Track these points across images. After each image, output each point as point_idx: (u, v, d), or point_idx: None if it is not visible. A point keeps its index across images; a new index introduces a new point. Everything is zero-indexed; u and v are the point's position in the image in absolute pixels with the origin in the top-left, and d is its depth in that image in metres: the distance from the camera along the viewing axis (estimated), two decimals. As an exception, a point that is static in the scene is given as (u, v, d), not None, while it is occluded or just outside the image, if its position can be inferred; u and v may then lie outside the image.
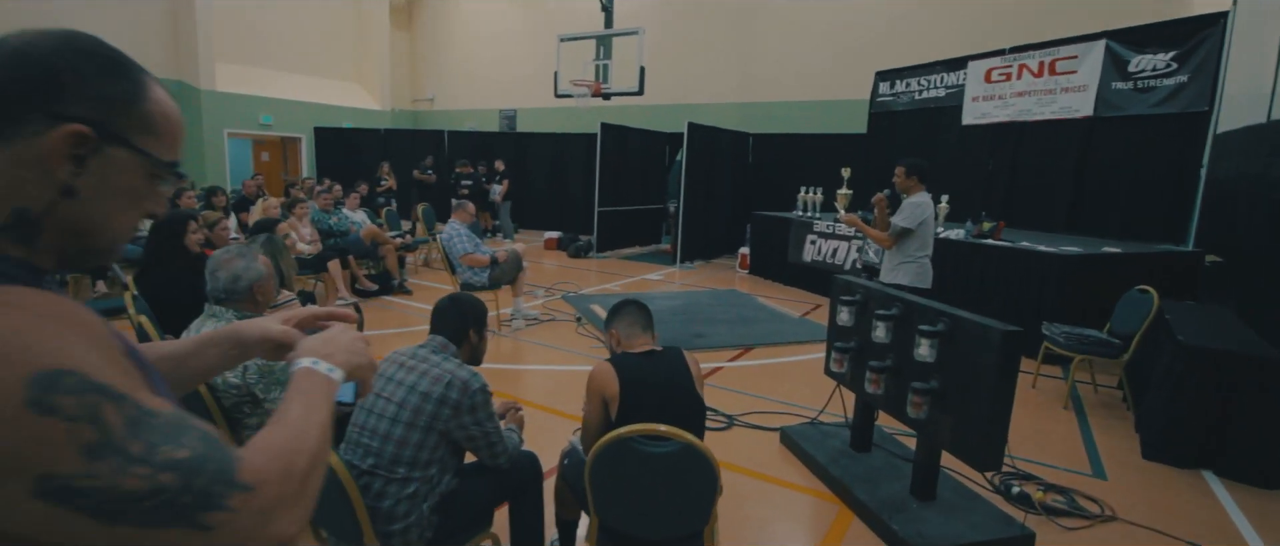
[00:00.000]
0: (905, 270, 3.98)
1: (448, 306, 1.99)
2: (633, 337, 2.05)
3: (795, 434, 3.17)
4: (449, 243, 5.11)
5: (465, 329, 1.96)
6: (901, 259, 3.99)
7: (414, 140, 13.35)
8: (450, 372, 1.79)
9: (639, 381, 1.88)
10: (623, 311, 2.12)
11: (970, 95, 7.55)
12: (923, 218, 3.90)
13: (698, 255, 9.46)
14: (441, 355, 1.87)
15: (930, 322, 2.39)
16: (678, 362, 1.99)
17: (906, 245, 3.96)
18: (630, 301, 2.15)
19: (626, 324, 2.08)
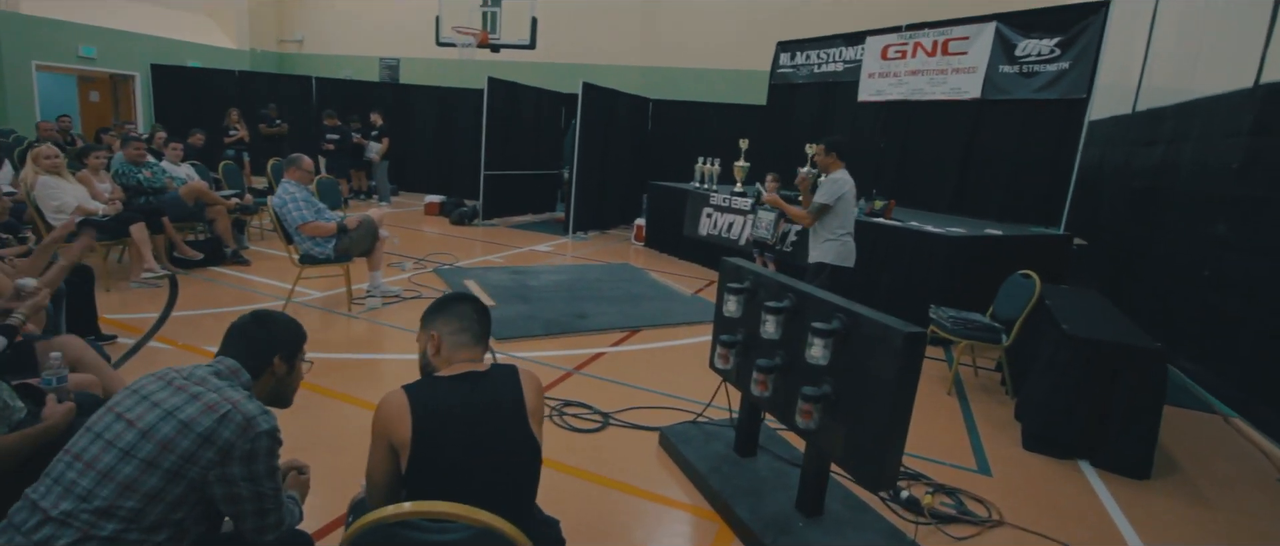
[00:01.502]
0: (828, 248, 3.89)
1: (249, 325, 1.50)
2: (458, 348, 1.53)
3: (675, 436, 2.80)
4: (283, 209, 4.28)
5: (269, 355, 1.47)
6: (824, 237, 3.90)
7: (275, 86, 11.79)
8: (232, 403, 1.30)
9: (442, 421, 1.38)
10: (450, 309, 1.58)
11: (867, 71, 7.48)
12: (841, 193, 3.80)
13: (592, 225, 8.96)
14: (224, 380, 1.38)
15: (824, 319, 2.05)
16: (506, 388, 1.49)
17: (828, 222, 3.87)
18: (463, 298, 1.62)
19: (454, 328, 1.55)
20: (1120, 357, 2.91)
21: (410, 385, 1.42)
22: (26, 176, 4.31)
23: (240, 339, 1.47)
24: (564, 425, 2.99)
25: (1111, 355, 2.93)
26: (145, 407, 1.27)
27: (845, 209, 3.85)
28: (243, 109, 9.93)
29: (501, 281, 5.58)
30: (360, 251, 4.57)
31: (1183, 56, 5.68)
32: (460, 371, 1.47)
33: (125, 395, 1.31)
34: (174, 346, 3.66)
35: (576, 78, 8.43)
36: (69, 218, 2.43)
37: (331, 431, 2.83)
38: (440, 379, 1.46)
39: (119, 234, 4.60)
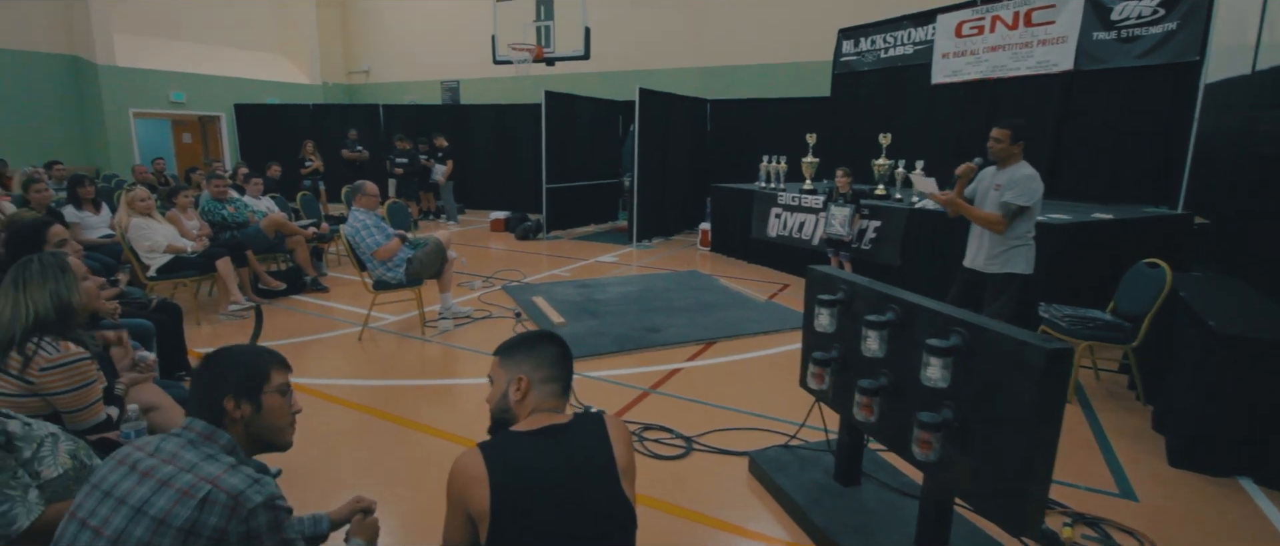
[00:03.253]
0: (1018, 256, 3.32)
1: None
2: (546, 397, 1.37)
3: (767, 462, 2.58)
4: (355, 236, 4.33)
5: (218, 400, 1.25)
6: (1013, 243, 3.31)
7: (346, 116, 12.27)
8: (211, 481, 1.11)
9: (524, 486, 1.21)
10: (539, 350, 1.42)
11: (940, 51, 7.01)
12: (1040, 192, 3.25)
13: (655, 232, 8.81)
14: (199, 450, 1.18)
15: (940, 334, 1.79)
16: (593, 443, 1.31)
17: (1018, 226, 3.29)
18: (550, 337, 1.46)
19: (543, 374, 1.38)
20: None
21: (486, 444, 1.27)
22: (120, 219, 4.54)
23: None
24: (645, 451, 2.82)
25: (1273, 354, 2.51)
26: (109, 508, 1.09)
27: (1036, 211, 3.32)
28: (317, 140, 10.37)
29: (569, 296, 5.49)
30: (430, 273, 4.58)
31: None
32: (541, 424, 1.31)
33: (86, 493, 1.14)
34: (259, 378, 3.73)
35: (632, 84, 8.32)
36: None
37: (409, 465, 2.77)
38: (520, 435, 1.30)
39: (207, 269, 4.78)
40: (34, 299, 1.77)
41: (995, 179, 3.39)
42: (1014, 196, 3.22)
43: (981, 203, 3.45)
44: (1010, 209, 3.24)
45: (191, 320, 4.69)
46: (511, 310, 5.12)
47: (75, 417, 1.78)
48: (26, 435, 1.36)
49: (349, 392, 3.53)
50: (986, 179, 3.46)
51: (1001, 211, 3.28)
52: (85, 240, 4.96)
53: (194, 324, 4.66)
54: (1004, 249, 3.34)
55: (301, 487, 2.54)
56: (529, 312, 4.98)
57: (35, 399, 1.72)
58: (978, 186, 3.51)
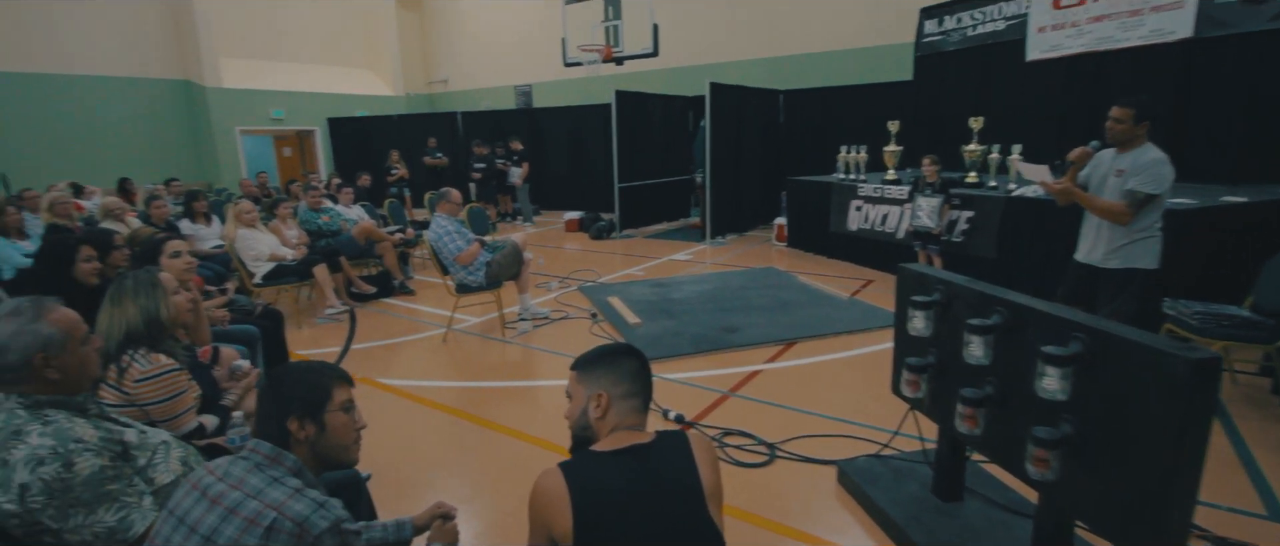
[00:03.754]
0: (1142, 249, 2.96)
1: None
2: (625, 414, 1.32)
3: (857, 472, 2.45)
4: (438, 242, 4.48)
5: (283, 420, 1.24)
6: (1137, 235, 2.95)
7: (427, 125, 12.78)
8: (277, 508, 1.12)
9: (607, 510, 1.17)
10: (618, 364, 1.36)
11: (1035, 25, 6.50)
12: (1170, 178, 2.89)
13: (729, 228, 8.66)
14: (264, 474, 1.18)
15: (1058, 340, 1.62)
16: (678, 464, 1.25)
17: (1145, 217, 2.93)
18: (629, 352, 1.40)
19: (623, 390, 1.33)
20: None
21: (567, 463, 1.24)
22: (229, 231, 4.90)
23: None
24: (726, 458, 2.75)
25: None
26: (182, 536, 1.12)
27: (1165, 199, 2.97)
28: (402, 148, 10.87)
29: (644, 296, 5.47)
30: (508, 276, 4.67)
31: None
32: (623, 444, 1.27)
33: (163, 519, 1.16)
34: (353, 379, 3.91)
35: (702, 79, 8.20)
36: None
37: (492, 468, 2.82)
38: (601, 455, 1.26)
39: (305, 275, 5.08)
40: (127, 313, 1.90)
41: (1116, 163, 3.02)
42: (1141, 183, 2.86)
43: (1099, 190, 3.09)
44: (1136, 197, 2.87)
45: (293, 324, 5.00)
46: (588, 311, 5.16)
47: (169, 426, 1.89)
48: (142, 443, 1.45)
49: (435, 393, 3.65)
50: (1104, 163, 3.09)
51: (1126, 200, 2.92)
52: (199, 251, 5.38)
53: (295, 327, 4.96)
54: (1126, 242, 2.98)
55: (389, 489, 2.63)
56: (605, 313, 5.00)
57: (134, 409, 1.84)
58: (1093, 172, 3.15)
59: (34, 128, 10.52)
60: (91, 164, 10.70)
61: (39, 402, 1.35)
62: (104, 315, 1.92)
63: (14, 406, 1.32)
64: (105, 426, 1.43)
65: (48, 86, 10.68)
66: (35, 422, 1.31)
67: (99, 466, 1.32)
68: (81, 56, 11.06)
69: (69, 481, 1.27)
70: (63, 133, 10.85)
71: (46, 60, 10.66)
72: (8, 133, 10.17)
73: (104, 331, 1.89)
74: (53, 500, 1.26)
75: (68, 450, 1.29)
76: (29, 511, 1.25)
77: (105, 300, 1.93)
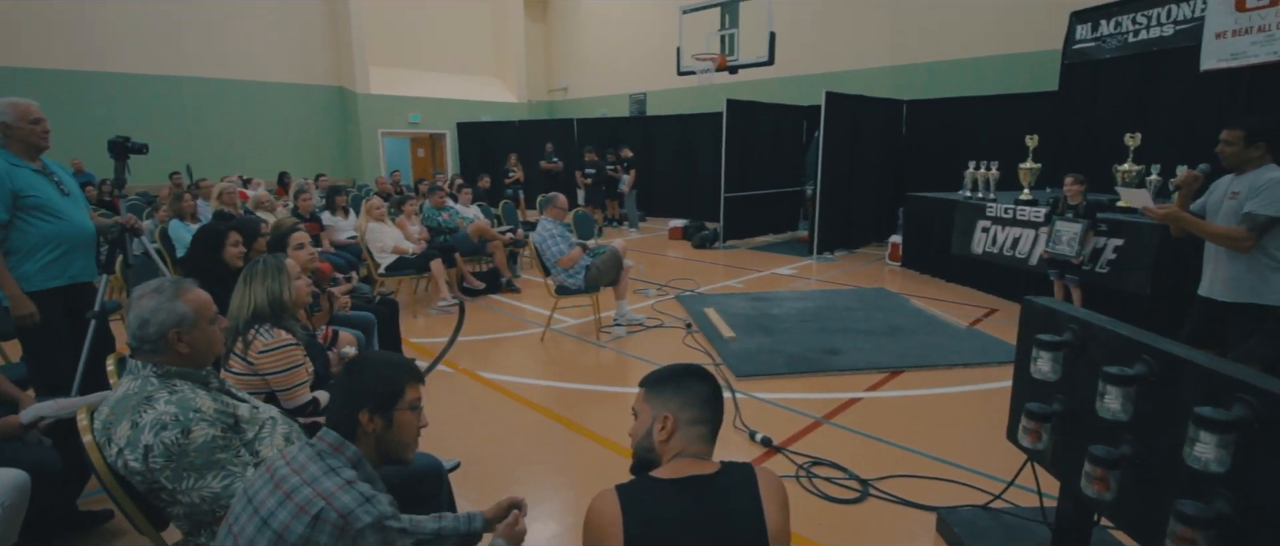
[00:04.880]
0: (1275, 281, 2.65)
1: (340, 378, 1.34)
2: (692, 440, 1.26)
3: (960, 523, 2.22)
4: (542, 245, 4.62)
5: (354, 413, 1.26)
6: (1267, 264, 2.65)
7: (545, 130, 13.34)
8: (326, 498, 1.14)
9: (660, 541, 1.12)
10: (688, 387, 1.29)
11: (1213, 30, 5.66)
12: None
13: (839, 244, 8.29)
14: (324, 462, 1.22)
15: (1217, 401, 1.37)
16: (743, 502, 1.17)
17: (1271, 243, 2.64)
18: (701, 375, 1.32)
19: (691, 415, 1.26)
20: None
21: (625, 486, 1.20)
22: (361, 223, 5.35)
23: (332, 398, 1.32)
24: (813, 490, 2.59)
25: None
26: (247, 516, 1.17)
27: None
28: (520, 152, 11.40)
29: (742, 309, 5.34)
30: (607, 281, 4.73)
31: None
32: (685, 472, 1.20)
33: (239, 494, 1.24)
34: (455, 370, 4.13)
35: (818, 88, 7.92)
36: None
37: (576, 472, 2.84)
38: (661, 482, 1.20)
39: (422, 268, 5.43)
40: (255, 294, 2.11)
41: (1231, 187, 2.78)
42: (1260, 205, 2.59)
43: (1213, 216, 2.81)
44: (1257, 220, 2.59)
45: (408, 313, 5.37)
46: (683, 320, 5.11)
47: (286, 396, 2.08)
48: (253, 418, 1.59)
49: (528, 390, 3.76)
50: (1221, 188, 2.83)
51: (1245, 224, 2.64)
52: (336, 240, 5.93)
53: (410, 317, 5.32)
54: (1251, 272, 2.69)
55: (473, 480, 2.72)
56: (699, 324, 4.93)
57: (256, 378, 2.04)
58: (1208, 199, 2.89)
59: (216, 125, 12.15)
60: (260, 158, 12.17)
61: (169, 373, 1.51)
62: (237, 294, 2.14)
63: (149, 374, 1.49)
64: (222, 399, 1.57)
65: (230, 90, 12.31)
66: (164, 390, 1.47)
67: (212, 436, 1.45)
68: (260, 64, 12.64)
69: (185, 446, 1.41)
70: (238, 131, 12.45)
71: (231, 67, 12.28)
72: (194, 128, 11.82)
73: (235, 309, 2.11)
74: (170, 462, 1.40)
75: (188, 418, 1.43)
76: (150, 471, 1.40)
77: (239, 281, 2.15)
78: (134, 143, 3.10)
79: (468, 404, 3.61)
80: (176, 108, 11.64)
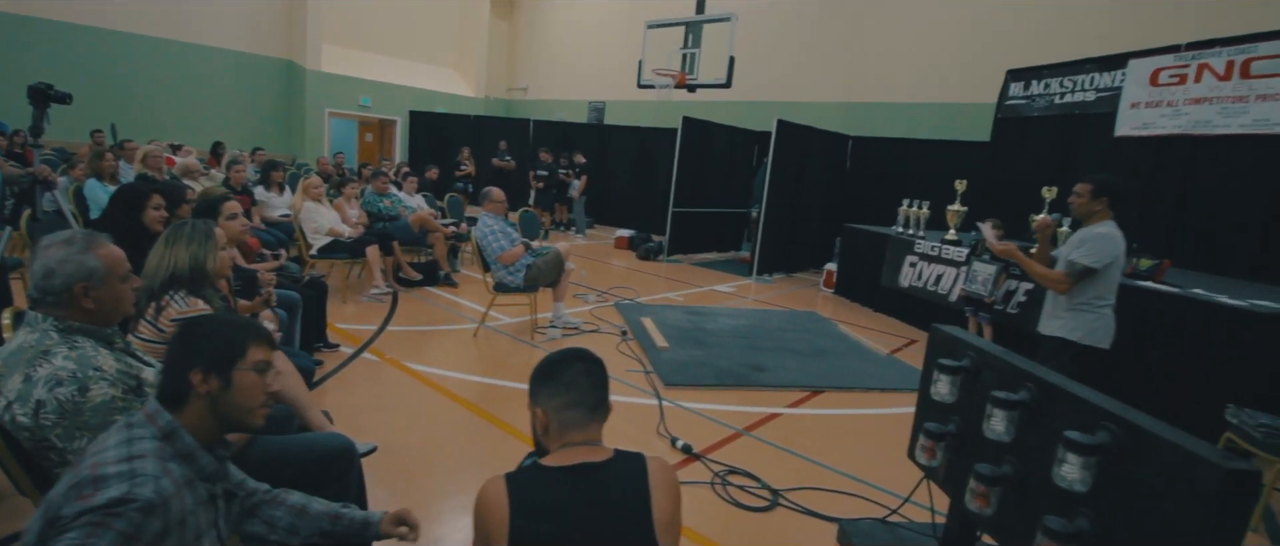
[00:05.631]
0: (1077, 321, 3.06)
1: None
2: (568, 427, 1.25)
3: (859, 535, 2.33)
4: (484, 240, 4.59)
5: (186, 373, 1.17)
6: (1074, 304, 3.07)
7: (501, 128, 13.21)
8: (93, 466, 1.04)
9: (544, 528, 1.13)
10: (557, 375, 1.28)
11: (1129, 100, 6.20)
12: (1113, 256, 2.99)
13: (778, 267, 8.53)
14: (127, 433, 1.12)
15: (1084, 427, 1.51)
16: (629, 488, 1.20)
17: (1086, 290, 3.03)
18: (573, 358, 1.31)
19: (561, 401, 1.26)
20: None
21: (513, 474, 1.22)
22: (296, 202, 5.17)
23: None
24: (726, 498, 2.67)
25: None
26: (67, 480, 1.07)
27: (1113, 275, 3.01)
28: (474, 148, 11.25)
29: (678, 321, 5.44)
30: (547, 281, 4.73)
31: None
32: (573, 460, 1.22)
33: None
34: (381, 358, 4.03)
35: (772, 115, 8.18)
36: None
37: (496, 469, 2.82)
38: (548, 470, 1.21)
39: (357, 254, 5.29)
40: (176, 256, 2.02)
41: (1074, 237, 3.16)
42: (1081, 255, 2.98)
43: (1059, 263, 3.17)
44: (1075, 268, 3.00)
45: (339, 298, 5.21)
46: (619, 328, 5.16)
47: None
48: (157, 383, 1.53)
49: (456, 385, 3.71)
50: (1073, 238, 3.18)
51: (1066, 270, 3.04)
52: (268, 217, 5.70)
53: (340, 301, 5.16)
54: (1063, 311, 3.11)
55: (391, 468, 2.67)
56: (635, 332, 4.99)
57: (165, 346, 1.94)
58: (1063, 248, 3.25)
59: (151, 87, 11.45)
60: (195, 126, 11.54)
61: (71, 328, 1.44)
62: (155, 254, 2.04)
63: (48, 328, 1.42)
64: (126, 360, 1.51)
65: (168, 51, 11.63)
66: (63, 346, 1.40)
67: (110, 396, 1.40)
68: (202, 27, 12.01)
69: (81, 405, 1.35)
70: (175, 95, 11.77)
71: (171, 27, 11.61)
72: (126, 89, 11.11)
73: (151, 269, 2.02)
74: (62, 420, 1.34)
75: (86, 376, 1.37)
76: (40, 427, 1.33)
77: (160, 240, 2.05)
78: (56, 91, 2.93)
79: (391, 392, 3.54)
80: (105, 62, 10.90)
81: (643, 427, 3.33)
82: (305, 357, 2.86)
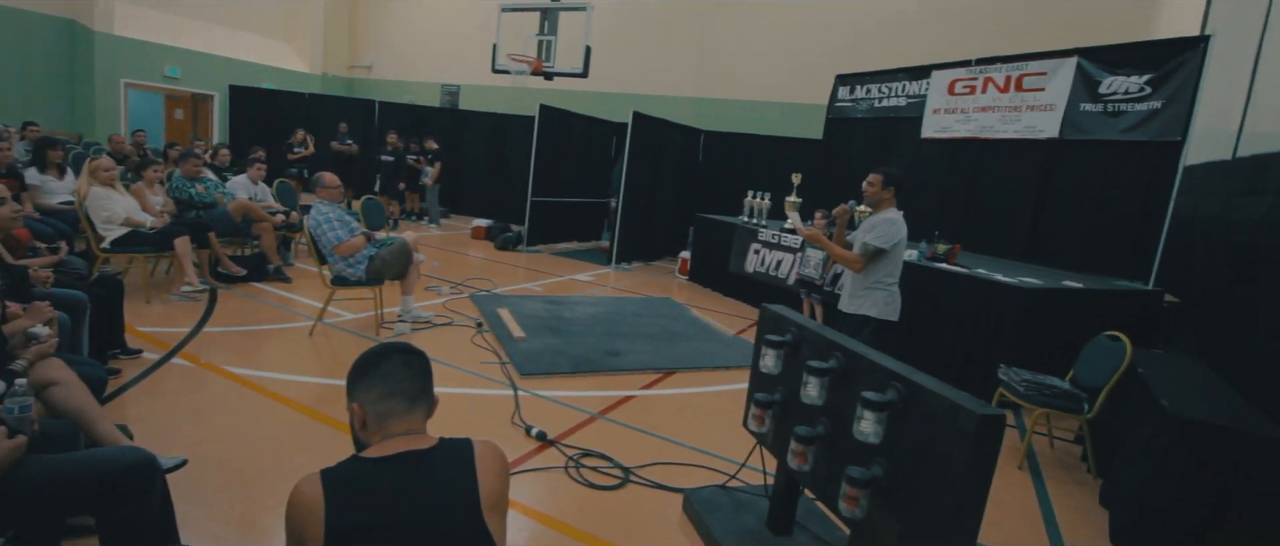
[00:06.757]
0: (872, 298, 3.44)
1: None
2: (386, 418, 1.22)
3: (701, 502, 2.49)
4: (317, 229, 4.23)
5: None
6: (869, 283, 3.44)
7: (341, 109, 12.19)
8: None
9: (365, 520, 1.09)
10: (372, 369, 1.25)
11: (931, 107, 7.10)
12: (898, 238, 3.38)
13: (637, 256, 8.76)
14: None
15: (877, 388, 1.73)
16: (455, 471, 1.19)
17: (876, 268, 3.42)
18: (390, 351, 1.28)
19: (378, 393, 1.22)
20: (1239, 447, 2.45)
21: (329, 469, 1.15)
22: (80, 187, 4.42)
23: None
24: (580, 480, 2.72)
25: (1226, 443, 2.47)
26: None
27: (898, 255, 3.44)
28: (310, 129, 10.27)
29: (536, 311, 5.40)
30: (393, 274, 4.48)
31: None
32: (394, 450, 1.18)
33: None
34: (195, 363, 3.59)
35: (628, 107, 8.34)
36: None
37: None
38: (366, 461, 1.17)
39: (164, 247, 4.65)
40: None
41: (865, 222, 3.57)
42: (873, 237, 3.36)
43: (855, 246, 3.58)
44: (868, 249, 3.37)
45: (142, 298, 4.55)
46: (474, 320, 5.02)
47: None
48: None
49: (287, 388, 3.41)
50: (865, 223, 3.63)
51: (861, 251, 3.42)
52: (44, 205, 4.84)
53: (143, 301, 4.52)
54: (861, 290, 3.47)
55: (208, 482, 2.41)
56: (490, 323, 4.88)
57: None
58: (857, 232, 3.69)
59: None
60: (-63, 94, 9.40)
61: None
62: None
63: None
64: None
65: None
66: None
67: None
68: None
69: None
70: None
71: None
72: None
73: None
74: None
75: None
76: None
77: None
78: None
79: (208, 400, 3.17)
80: None
81: (497, 418, 3.28)
82: (95, 366, 2.48)
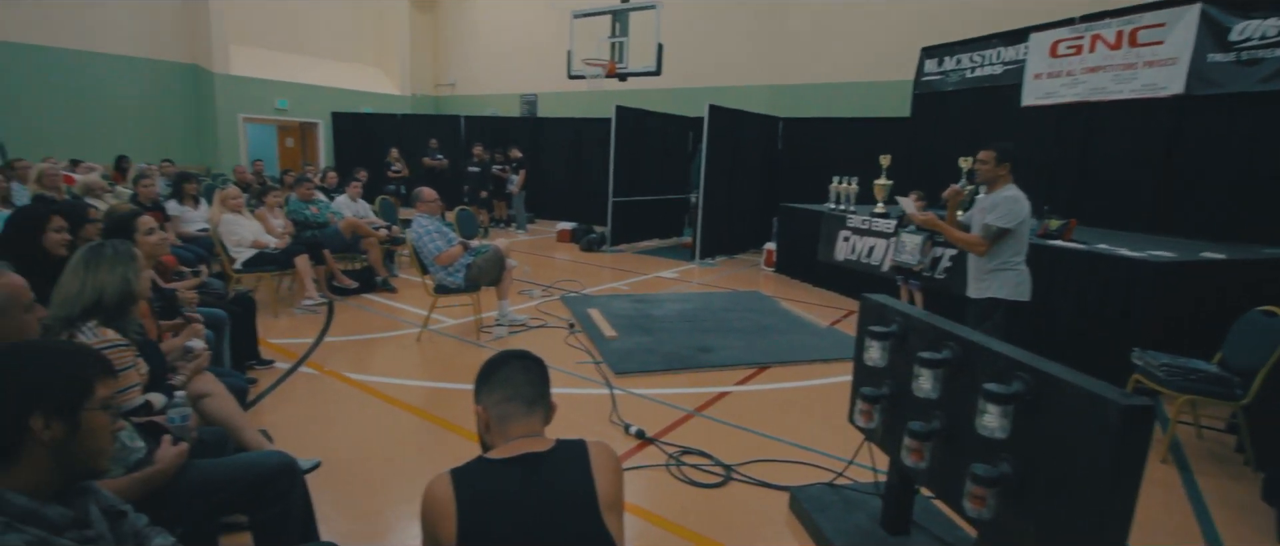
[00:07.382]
0: (1000, 280, 3.26)
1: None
2: (508, 421, 1.30)
3: (809, 499, 2.44)
4: (419, 242, 4.48)
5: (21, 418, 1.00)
6: (995, 265, 3.27)
7: (431, 126, 12.83)
8: None
9: (492, 517, 1.16)
10: (495, 374, 1.34)
11: (1032, 72, 6.60)
12: (1022, 215, 3.20)
13: (720, 250, 8.68)
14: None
15: (1001, 379, 1.63)
16: (572, 473, 1.24)
17: (1001, 249, 3.25)
18: (510, 357, 1.37)
19: (499, 396, 1.31)
20: None
21: (458, 469, 1.23)
22: (213, 214, 4.90)
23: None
24: (682, 477, 2.73)
25: None
26: None
27: (1024, 232, 3.23)
28: (403, 148, 10.90)
29: (624, 310, 5.47)
30: (489, 280, 4.67)
31: None
32: (516, 451, 1.25)
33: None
34: (320, 371, 3.89)
35: (703, 100, 8.28)
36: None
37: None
38: (492, 462, 1.24)
39: (286, 265, 5.07)
40: (100, 280, 1.85)
41: (981, 202, 3.37)
42: (995, 218, 3.18)
43: (973, 225, 3.39)
44: (991, 230, 3.20)
45: (269, 312, 4.99)
46: (566, 321, 5.15)
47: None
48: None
49: (401, 392, 3.63)
50: (980, 203, 3.41)
51: (982, 233, 3.25)
52: (184, 232, 5.39)
53: (271, 316, 4.94)
54: (986, 272, 3.30)
55: (337, 482, 2.60)
56: (582, 324, 4.99)
57: None
58: (972, 212, 3.48)
59: (42, 100, 10.53)
60: (95, 140, 10.70)
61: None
62: (71, 279, 1.86)
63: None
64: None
65: (59, 60, 10.72)
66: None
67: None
68: (95, 33, 11.11)
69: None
70: (70, 107, 10.87)
71: (60, 34, 10.71)
72: (16, 103, 10.19)
73: (68, 296, 1.83)
74: None
75: None
76: None
77: (76, 264, 1.88)
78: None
79: (334, 405, 3.43)
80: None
81: (596, 417, 3.35)
82: (237, 377, 2.74)
